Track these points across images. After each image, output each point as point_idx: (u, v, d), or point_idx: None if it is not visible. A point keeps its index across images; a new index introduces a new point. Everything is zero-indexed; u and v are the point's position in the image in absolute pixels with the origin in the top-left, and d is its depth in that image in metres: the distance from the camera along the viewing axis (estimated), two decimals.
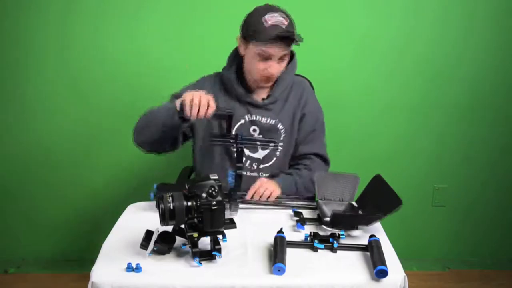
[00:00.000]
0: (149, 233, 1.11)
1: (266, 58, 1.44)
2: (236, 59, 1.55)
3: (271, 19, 1.41)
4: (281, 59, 1.46)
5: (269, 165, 1.57)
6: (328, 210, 1.35)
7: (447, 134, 2.26)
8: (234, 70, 1.54)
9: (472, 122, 2.24)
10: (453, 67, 2.16)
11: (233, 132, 1.49)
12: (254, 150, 1.55)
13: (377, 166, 1.74)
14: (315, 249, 1.16)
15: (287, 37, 1.40)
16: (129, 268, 1.05)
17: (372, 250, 1.11)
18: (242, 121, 1.55)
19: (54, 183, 2.27)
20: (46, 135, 2.20)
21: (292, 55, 1.57)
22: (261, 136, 1.54)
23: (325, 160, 1.64)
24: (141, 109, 2.12)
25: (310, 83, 1.80)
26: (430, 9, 2.09)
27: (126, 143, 2.19)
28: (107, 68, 2.12)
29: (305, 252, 1.16)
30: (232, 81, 1.53)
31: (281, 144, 1.57)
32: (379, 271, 1.03)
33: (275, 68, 1.46)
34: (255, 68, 1.47)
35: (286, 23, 1.41)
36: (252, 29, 1.43)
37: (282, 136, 1.57)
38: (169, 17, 2.06)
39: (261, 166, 1.57)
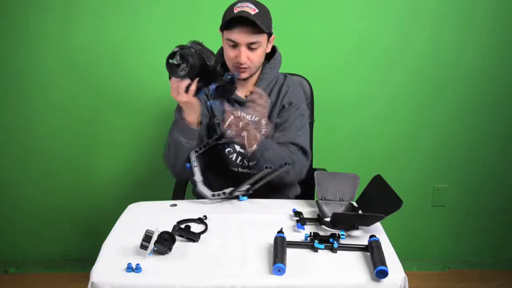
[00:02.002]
0: (148, 233, 1.11)
1: (234, 45, 1.47)
2: (221, 57, 1.57)
3: (239, 7, 1.44)
4: (250, 48, 1.47)
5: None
6: (328, 210, 1.35)
7: (447, 134, 2.26)
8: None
9: (472, 122, 2.24)
10: (453, 67, 2.16)
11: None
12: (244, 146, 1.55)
13: (377, 166, 1.75)
14: (315, 249, 1.16)
15: (248, 21, 1.41)
16: (129, 268, 1.05)
17: (372, 251, 1.11)
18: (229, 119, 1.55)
19: (54, 183, 2.27)
20: (46, 135, 2.20)
21: (274, 51, 1.58)
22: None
23: (304, 152, 1.55)
24: (142, 109, 2.15)
25: (309, 83, 1.80)
26: (429, 8, 2.09)
27: (126, 143, 2.21)
28: (107, 68, 2.12)
29: (305, 252, 1.16)
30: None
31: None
32: (379, 272, 1.03)
33: (244, 55, 1.47)
34: (227, 57, 1.51)
35: (253, 12, 1.43)
36: (223, 18, 1.48)
37: (264, 130, 1.56)
38: (169, 15, 2.06)
39: (251, 163, 1.56)
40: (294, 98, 1.61)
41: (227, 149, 1.56)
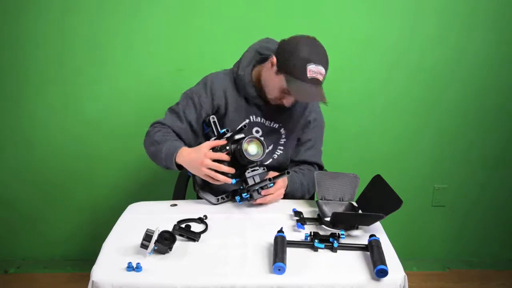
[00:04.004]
0: (149, 233, 1.11)
1: (289, 94, 1.45)
2: (254, 60, 1.54)
3: (314, 71, 1.39)
4: None
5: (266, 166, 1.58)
6: (328, 210, 1.35)
7: (447, 134, 2.26)
8: (250, 70, 1.53)
9: (472, 122, 2.24)
10: (453, 68, 2.16)
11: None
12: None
13: (377, 166, 1.75)
14: (315, 249, 1.16)
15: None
16: (130, 268, 1.06)
17: (372, 250, 1.11)
18: (247, 120, 1.55)
19: (54, 183, 2.26)
20: (46, 135, 2.20)
21: None
22: (262, 138, 1.53)
23: (321, 169, 1.68)
24: (142, 109, 2.14)
25: None
26: (431, 9, 2.09)
27: (126, 143, 2.21)
28: (107, 69, 2.11)
29: (305, 252, 1.16)
30: (246, 82, 1.52)
31: (280, 147, 1.59)
32: (379, 271, 1.03)
33: (291, 101, 1.49)
34: (273, 93, 1.48)
35: (322, 76, 1.42)
36: (291, 69, 1.39)
37: (282, 140, 1.59)
38: (168, 17, 2.05)
39: None
40: (318, 114, 1.65)
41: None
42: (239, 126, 1.42)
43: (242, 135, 1.40)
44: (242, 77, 1.53)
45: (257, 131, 1.56)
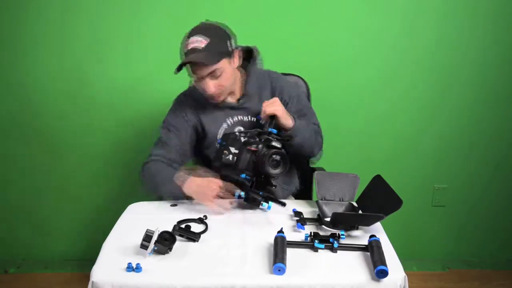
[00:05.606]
0: (149, 233, 1.11)
1: (198, 78, 1.46)
2: None
3: (190, 43, 1.43)
4: (213, 76, 1.45)
5: None
6: (328, 210, 1.35)
7: (447, 134, 2.26)
8: None
9: (472, 123, 2.24)
10: (454, 68, 2.16)
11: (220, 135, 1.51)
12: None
13: (377, 166, 1.75)
14: (315, 249, 1.16)
15: (197, 62, 1.41)
16: (129, 268, 1.06)
17: (372, 250, 1.11)
18: (225, 125, 1.56)
19: (54, 183, 2.27)
20: (46, 135, 2.20)
21: (250, 51, 1.58)
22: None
23: (319, 128, 1.67)
24: (142, 109, 2.14)
25: (306, 83, 1.80)
26: (433, 8, 2.09)
27: (126, 143, 2.21)
28: (106, 69, 2.11)
29: (305, 252, 1.16)
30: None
31: None
32: (379, 271, 1.03)
33: (210, 85, 1.46)
34: (199, 89, 1.50)
35: (202, 45, 1.40)
36: (182, 55, 1.46)
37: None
38: (168, 17, 2.06)
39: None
40: (290, 89, 1.63)
41: (224, 151, 1.51)
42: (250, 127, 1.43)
43: (278, 146, 1.38)
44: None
45: (239, 130, 1.55)
